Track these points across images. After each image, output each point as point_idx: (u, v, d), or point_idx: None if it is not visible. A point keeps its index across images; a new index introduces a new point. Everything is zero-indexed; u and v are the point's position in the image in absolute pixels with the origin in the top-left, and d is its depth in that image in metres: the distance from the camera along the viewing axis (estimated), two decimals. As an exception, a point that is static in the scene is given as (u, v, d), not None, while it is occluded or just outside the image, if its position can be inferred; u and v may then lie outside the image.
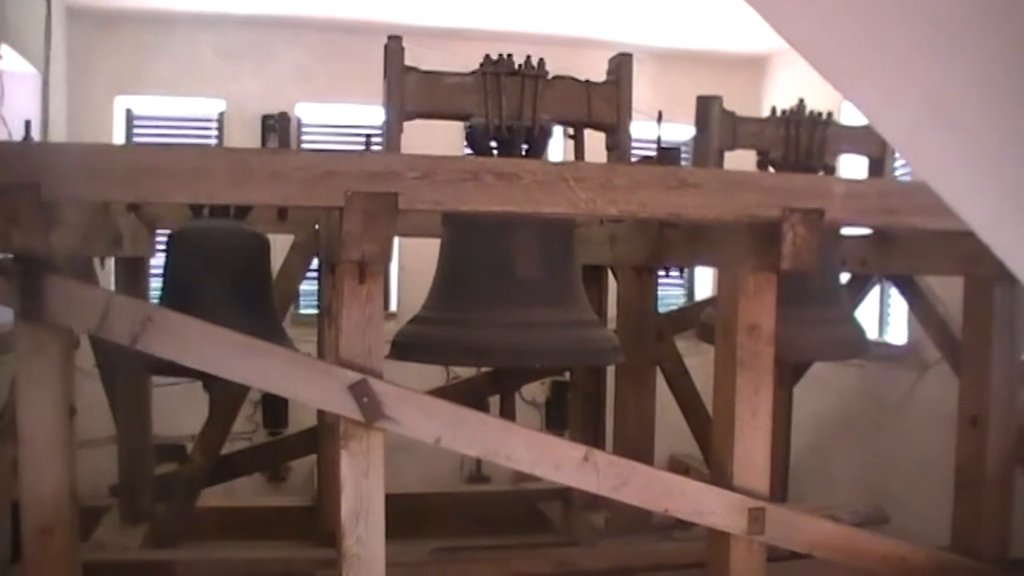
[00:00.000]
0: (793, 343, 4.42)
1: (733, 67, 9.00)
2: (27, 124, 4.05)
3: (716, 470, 3.97)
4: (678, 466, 6.96)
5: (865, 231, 5.10)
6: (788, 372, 5.86)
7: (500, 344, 3.94)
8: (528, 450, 3.60)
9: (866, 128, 4.95)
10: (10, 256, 3.20)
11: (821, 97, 4.74)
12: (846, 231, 4.98)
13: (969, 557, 4.48)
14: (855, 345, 5.06)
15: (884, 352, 6.99)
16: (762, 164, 4.72)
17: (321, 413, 5.37)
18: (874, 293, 6.37)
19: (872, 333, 5.38)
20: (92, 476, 4.33)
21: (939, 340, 5.28)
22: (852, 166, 5.80)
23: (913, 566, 4.22)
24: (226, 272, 4.59)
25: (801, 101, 4.77)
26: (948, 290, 5.03)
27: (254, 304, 4.59)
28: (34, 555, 3.33)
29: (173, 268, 4.72)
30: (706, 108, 4.67)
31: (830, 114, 4.76)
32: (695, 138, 4.76)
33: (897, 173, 5.61)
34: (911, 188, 3.90)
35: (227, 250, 4.67)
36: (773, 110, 4.81)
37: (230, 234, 4.72)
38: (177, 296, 4.51)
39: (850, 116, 5.51)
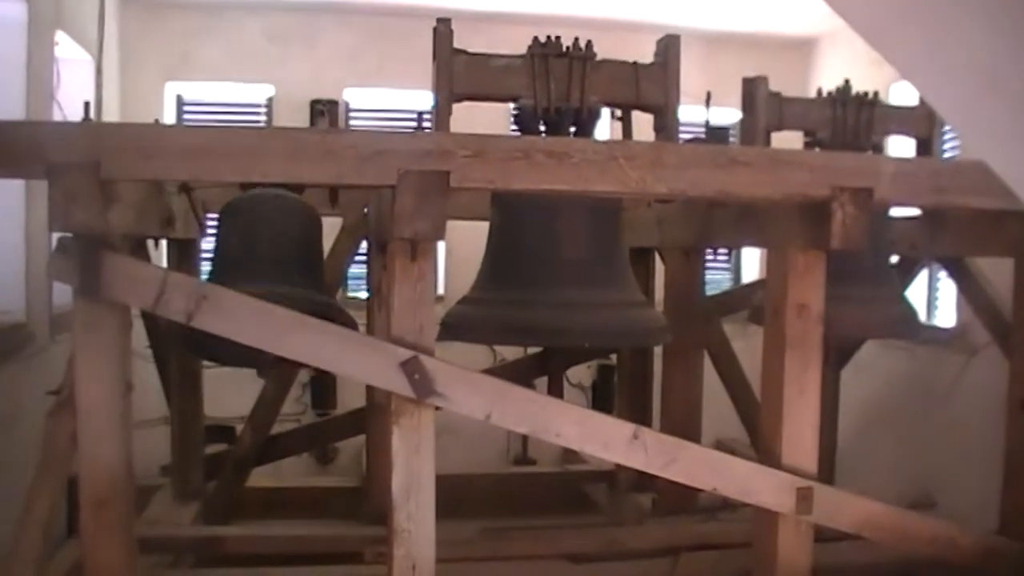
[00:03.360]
0: (843, 321, 4.42)
1: (781, 49, 8.96)
2: (86, 105, 4.12)
3: (764, 449, 3.97)
4: (724, 450, 6.95)
5: (914, 213, 5.08)
6: (837, 355, 5.85)
7: (548, 324, 3.97)
8: (577, 427, 3.61)
9: (912, 108, 4.94)
10: (69, 235, 3.26)
11: (869, 78, 4.74)
12: (895, 213, 4.95)
13: (1018, 541, 4.45)
14: (907, 324, 5.03)
15: (933, 336, 6.94)
16: (810, 145, 4.72)
17: (370, 394, 5.42)
18: (923, 276, 6.33)
19: (921, 316, 5.34)
20: (144, 456, 4.39)
21: (989, 323, 5.24)
22: (901, 147, 5.77)
23: (961, 549, 4.20)
24: (278, 241, 4.62)
25: (847, 81, 4.77)
26: (998, 272, 4.99)
27: (304, 273, 4.61)
28: (91, 526, 3.40)
29: (225, 238, 4.75)
30: (752, 89, 4.68)
31: (876, 94, 4.75)
32: (742, 119, 4.77)
33: (946, 155, 5.58)
34: (961, 167, 3.87)
35: (279, 219, 4.69)
36: (819, 91, 4.81)
37: (282, 203, 4.74)
38: (229, 266, 4.55)
39: (899, 98, 5.49)
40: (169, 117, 8.47)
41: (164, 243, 5.40)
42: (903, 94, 6.56)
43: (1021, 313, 4.65)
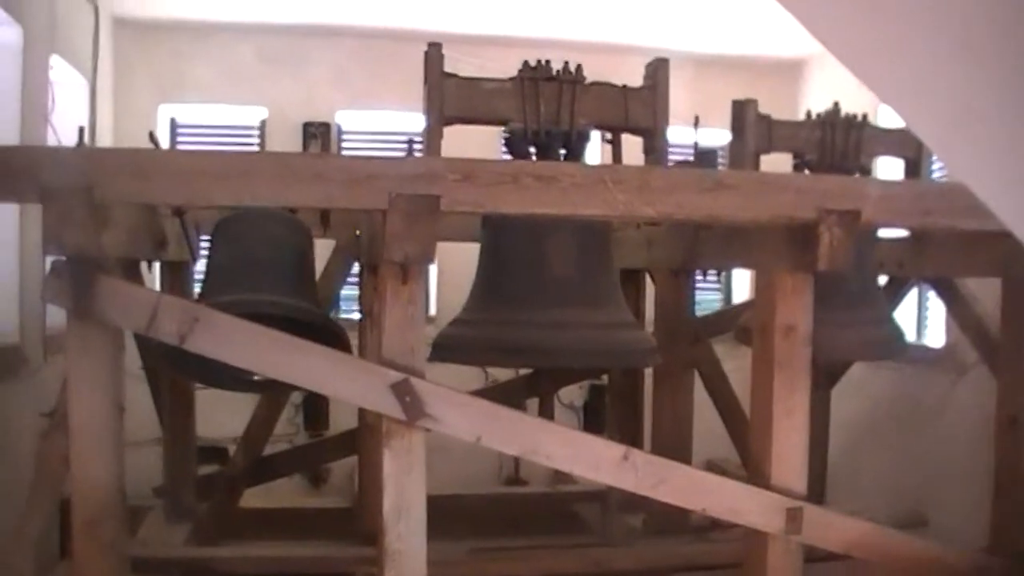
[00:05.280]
0: (830, 344, 4.44)
1: (769, 72, 9.01)
2: (81, 130, 4.13)
3: (753, 470, 3.99)
4: (715, 471, 6.95)
5: (902, 233, 5.11)
6: (826, 375, 5.87)
7: (539, 345, 3.99)
8: (567, 449, 3.64)
9: (901, 130, 4.97)
10: (63, 258, 3.28)
11: (857, 100, 4.77)
12: (883, 233, 4.99)
13: (1008, 558, 4.47)
14: (892, 345, 5.05)
15: (921, 355, 6.98)
16: (799, 167, 4.75)
17: (362, 415, 5.43)
18: (912, 296, 6.36)
19: (910, 336, 5.37)
20: (136, 477, 4.39)
21: (977, 342, 5.27)
22: (889, 169, 5.81)
23: (950, 568, 4.22)
24: (272, 253, 4.61)
25: (836, 104, 4.80)
26: (986, 291, 5.03)
27: (298, 286, 4.61)
28: (83, 547, 3.40)
29: (217, 257, 4.74)
30: (742, 112, 4.71)
31: (865, 116, 4.78)
32: (731, 142, 4.80)
33: (935, 176, 5.62)
34: (947, 189, 3.91)
35: (273, 231, 4.68)
36: (808, 113, 4.85)
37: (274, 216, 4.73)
38: (221, 283, 4.54)
39: (887, 119, 5.53)
40: (163, 139, 8.48)
41: (157, 265, 5.41)
42: (892, 115, 6.60)
43: (1008, 332, 4.69)
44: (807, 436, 3.89)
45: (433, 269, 8.12)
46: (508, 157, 4.26)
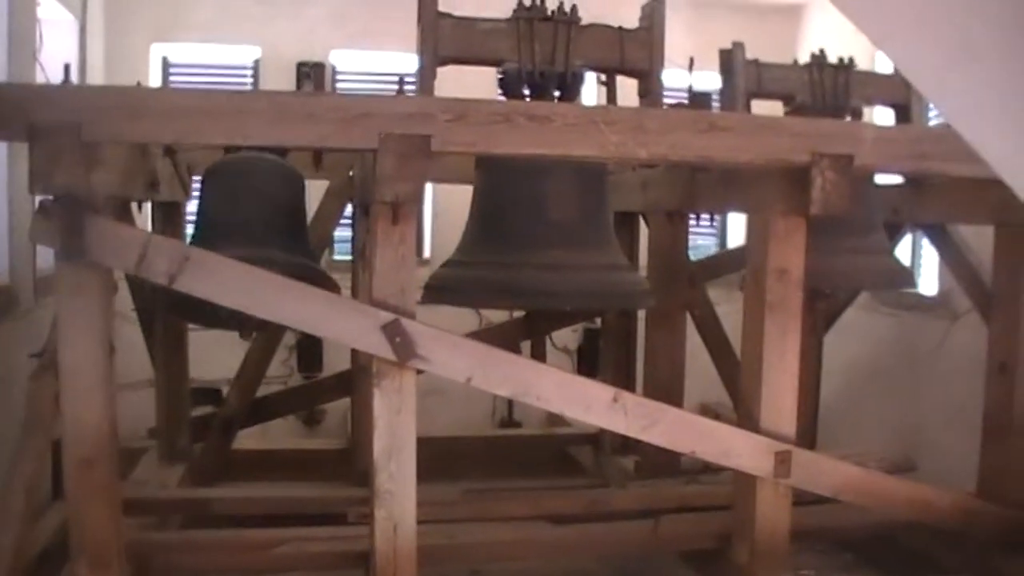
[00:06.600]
0: (837, 272, 4.46)
1: (768, 15, 8.92)
2: (67, 67, 4.09)
3: (743, 413, 4.01)
4: (708, 414, 6.98)
5: (897, 180, 5.09)
6: (820, 319, 5.87)
7: (532, 286, 3.99)
8: (558, 390, 3.65)
9: (890, 75, 4.95)
10: (52, 198, 3.26)
11: (856, 45, 4.73)
12: (878, 180, 4.97)
13: (995, 503, 4.50)
14: (901, 275, 5.06)
15: (915, 302, 6.98)
16: (791, 114, 4.73)
17: (355, 356, 5.44)
18: (905, 242, 6.35)
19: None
20: (130, 418, 4.41)
21: (970, 289, 5.26)
22: (887, 118, 5.78)
23: (938, 511, 4.26)
24: (261, 205, 4.61)
25: (821, 50, 4.78)
26: (979, 239, 5.02)
27: (288, 237, 4.61)
28: (75, 487, 3.42)
29: (208, 203, 4.74)
30: (730, 56, 4.69)
31: (851, 59, 4.76)
32: (721, 87, 4.77)
33: (933, 123, 5.59)
34: (942, 134, 3.89)
35: (262, 181, 4.67)
36: (795, 61, 4.83)
37: (265, 166, 4.72)
38: (213, 230, 4.55)
39: (885, 66, 5.49)
40: (155, 80, 8.40)
41: (149, 206, 5.39)
42: (889, 64, 6.55)
43: (1000, 280, 4.69)
44: (797, 379, 3.91)
45: (428, 212, 8.10)
46: (502, 98, 4.22)
